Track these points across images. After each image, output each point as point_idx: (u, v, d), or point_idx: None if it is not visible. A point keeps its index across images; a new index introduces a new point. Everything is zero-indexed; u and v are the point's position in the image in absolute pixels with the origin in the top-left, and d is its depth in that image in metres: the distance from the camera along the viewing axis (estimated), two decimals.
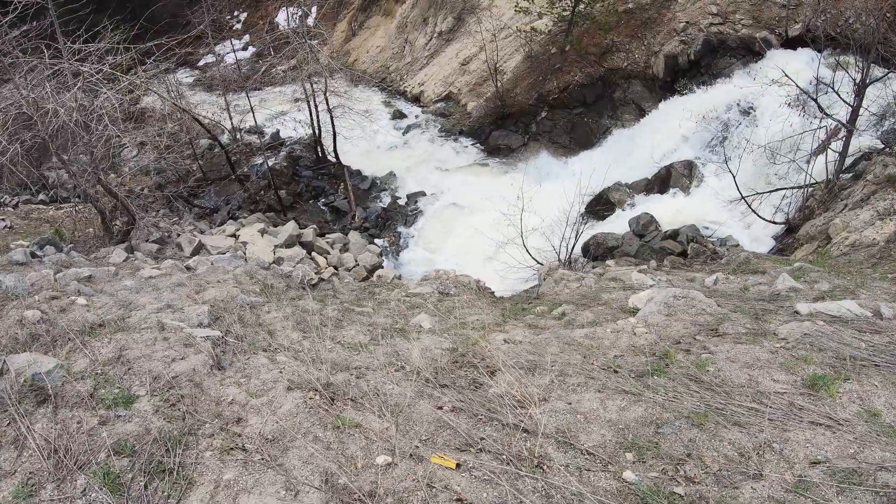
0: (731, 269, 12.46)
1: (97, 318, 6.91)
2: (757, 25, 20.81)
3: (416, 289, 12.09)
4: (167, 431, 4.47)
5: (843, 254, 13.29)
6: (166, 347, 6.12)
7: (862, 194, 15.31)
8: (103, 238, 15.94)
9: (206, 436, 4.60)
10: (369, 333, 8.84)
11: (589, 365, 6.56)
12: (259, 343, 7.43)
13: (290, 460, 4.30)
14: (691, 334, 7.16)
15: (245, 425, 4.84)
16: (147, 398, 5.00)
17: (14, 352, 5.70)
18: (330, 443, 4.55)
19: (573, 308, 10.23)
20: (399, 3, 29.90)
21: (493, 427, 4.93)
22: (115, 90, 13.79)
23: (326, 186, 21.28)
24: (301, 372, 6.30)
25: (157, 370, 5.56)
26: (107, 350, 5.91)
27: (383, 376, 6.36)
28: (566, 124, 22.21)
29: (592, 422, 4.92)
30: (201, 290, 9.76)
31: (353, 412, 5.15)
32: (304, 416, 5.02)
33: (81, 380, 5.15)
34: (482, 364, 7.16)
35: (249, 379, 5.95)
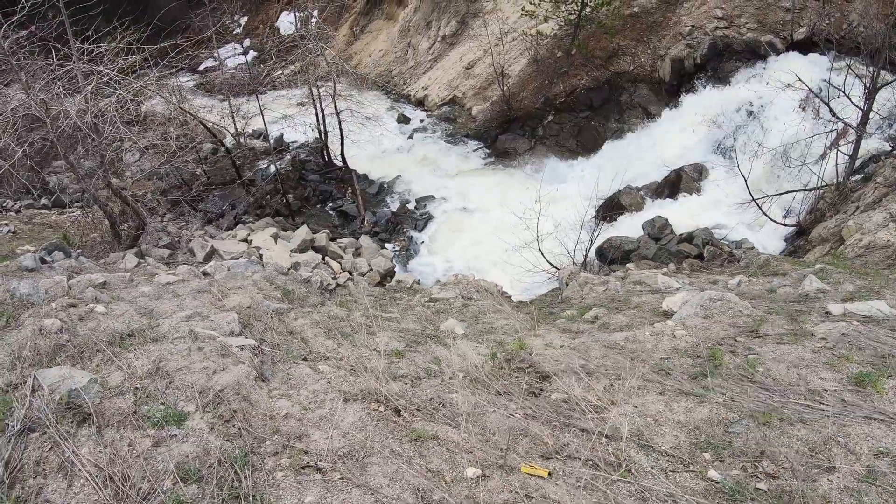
0: (751, 271, 12.47)
1: (125, 328, 6.67)
2: (762, 29, 20.89)
3: (439, 294, 11.99)
4: (229, 451, 4.25)
5: (858, 255, 13.35)
6: (203, 358, 5.94)
7: (873, 196, 15.38)
8: (111, 243, 15.70)
9: (270, 454, 4.43)
10: (403, 340, 8.73)
11: (639, 368, 6.56)
12: (295, 352, 7.28)
13: (373, 477, 4.14)
14: (731, 336, 7.29)
15: (308, 441, 4.68)
16: (199, 415, 4.79)
17: (37, 364, 5.52)
18: (410, 457, 4.43)
19: (605, 312, 10.20)
20: (401, 7, 29.82)
21: (572, 433, 4.94)
22: (128, 92, 13.60)
23: (334, 191, 21.14)
24: (350, 382, 6.18)
25: (200, 383, 5.37)
26: (142, 362, 5.72)
27: (438, 384, 6.26)
28: (573, 128, 22.19)
29: (663, 424, 5.00)
30: (224, 296, 9.61)
31: (424, 423, 5.03)
32: (373, 429, 4.88)
33: (120, 395, 4.94)
34: (531, 370, 7.10)
35: (297, 390, 5.80)
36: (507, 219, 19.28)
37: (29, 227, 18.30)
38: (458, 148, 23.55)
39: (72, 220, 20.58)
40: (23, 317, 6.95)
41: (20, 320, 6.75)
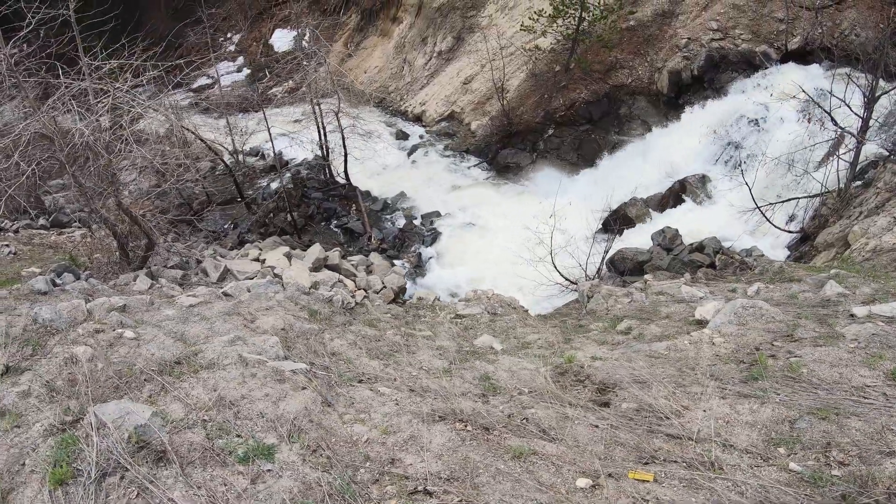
0: (767, 278, 12.65)
1: (170, 355, 6.49)
2: (756, 40, 21.26)
3: (465, 310, 11.97)
4: (331, 483, 4.16)
5: (865, 259, 13.55)
6: (260, 385, 5.82)
7: (876, 201, 15.62)
8: (119, 264, 15.48)
9: (370, 482, 4.37)
10: (444, 357, 8.71)
11: (690, 375, 6.73)
12: (347, 374, 7.22)
13: (490, 496, 4.12)
14: (768, 341, 7.52)
15: (403, 465, 4.63)
16: (285, 446, 4.65)
17: (73, 396, 5.34)
18: (518, 473, 4.42)
19: (637, 323, 10.26)
20: (396, 24, 29.95)
21: (660, 439, 5.05)
22: (144, 110, 13.47)
23: (338, 208, 21.08)
24: (418, 402, 6.14)
25: (269, 412, 5.26)
26: (199, 391, 5.56)
27: (508, 401, 6.25)
28: (573, 141, 22.38)
29: (734, 425, 5.22)
30: (254, 318, 9.50)
31: (517, 439, 5.02)
32: (468, 448, 4.86)
33: (189, 429, 4.77)
34: (588, 381, 7.14)
35: (368, 414, 5.73)
36: (514, 233, 19.37)
37: (29, 248, 18.00)
38: (460, 163, 23.64)
39: (72, 240, 20.32)
40: (49, 344, 6.75)
41: (47, 348, 6.58)
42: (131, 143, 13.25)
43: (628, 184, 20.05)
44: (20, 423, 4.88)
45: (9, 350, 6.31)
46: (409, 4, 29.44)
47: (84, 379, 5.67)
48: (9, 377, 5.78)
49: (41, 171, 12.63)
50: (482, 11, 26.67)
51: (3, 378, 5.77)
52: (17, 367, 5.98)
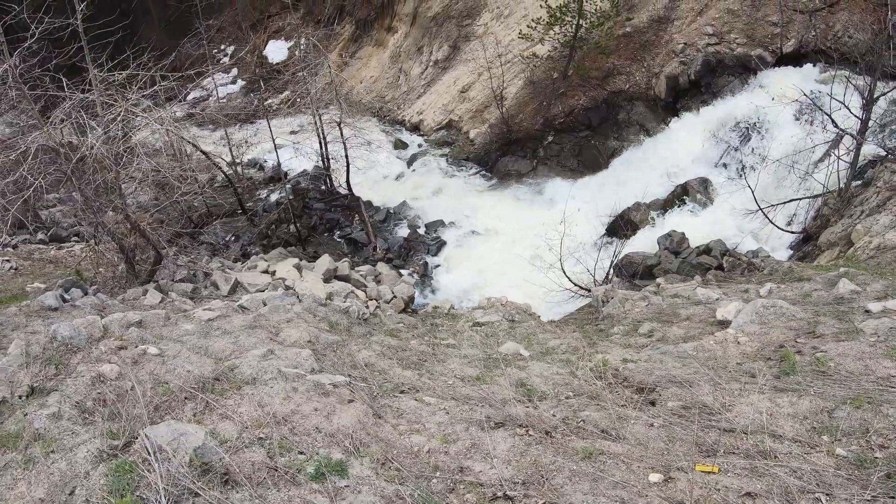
0: (777, 278, 12.80)
1: (206, 371, 6.37)
2: (751, 44, 21.52)
3: (484, 318, 11.98)
4: (412, 496, 4.13)
5: (870, 257, 13.75)
6: (306, 399, 5.76)
7: (877, 200, 15.83)
8: (126, 278, 15.34)
9: (447, 492, 4.37)
10: (473, 365, 8.72)
11: (724, 373, 6.88)
12: (385, 385, 7.18)
13: (572, 496, 4.16)
14: (791, 338, 7.78)
15: (473, 473, 4.64)
16: (355, 460, 4.60)
17: (110, 418, 5.17)
18: (592, 472, 4.47)
19: (659, 326, 10.33)
20: (391, 33, 30.02)
21: (714, 433, 5.17)
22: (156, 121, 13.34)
23: (341, 219, 21.04)
24: (467, 410, 6.15)
25: (324, 426, 5.22)
26: (246, 408, 5.47)
27: (556, 405, 6.27)
28: (573, 147, 22.51)
29: (777, 417, 5.44)
30: (278, 331, 9.45)
31: (581, 441, 5.06)
32: (536, 453, 4.88)
33: (247, 448, 4.65)
34: (626, 383, 7.19)
35: (422, 424, 5.73)
36: (519, 240, 19.46)
37: (30, 263, 17.83)
38: (460, 171, 23.69)
39: (72, 255, 20.15)
40: (72, 362, 6.61)
41: (70, 366, 6.44)
42: (140, 156, 13.18)
43: (630, 189, 20.18)
44: (56, 448, 4.71)
45: (31, 370, 6.17)
46: (404, 14, 29.54)
47: (117, 399, 5.57)
48: (35, 398, 5.66)
49: (47, 184, 12.49)
50: (478, 20, 26.81)
51: (30, 400, 5.63)
52: (42, 388, 5.88)
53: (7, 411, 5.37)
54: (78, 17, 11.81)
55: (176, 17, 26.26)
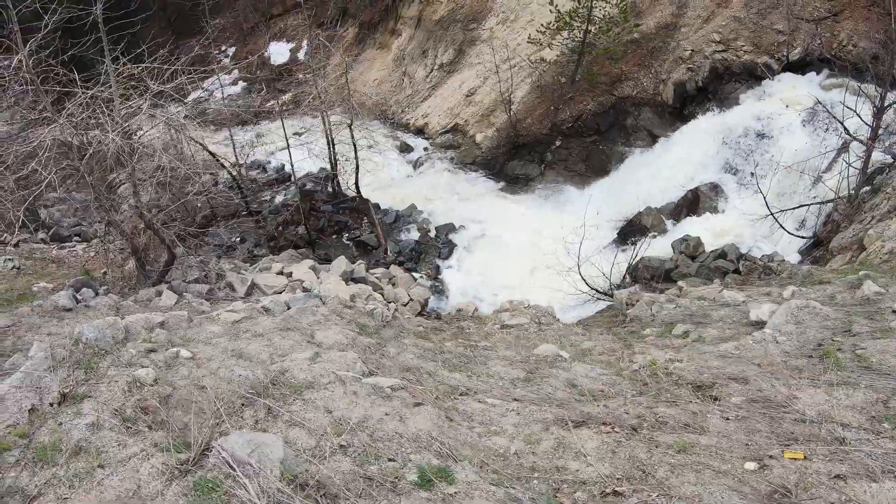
0: (797, 281, 12.92)
1: (257, 376, 6.17)
2: (758, 51, 21.71)
3: (511, 321, 11.92)
4: (532, 499, 4.08)
5: (883, 261, 13.90)
6: (370, 403, 5.63)
7: (888, 206, 15.98)
8: (137, 278, 15.11)
9: (553, 492, 4.30)
10: (516, 367, 8.64)
11: (771, 370, 6.95)
12: (441, 387, 7.06)
13: (682, 488, 4.17)
14: (828, 337, 7.94)
15: (571, 473, 4.59)
16: (455, 465, 4.46)
17: (159, 427, 4.92)
18: (692, 464, 4.49)
19: (692, 327, 10.32)
20: (395, 37, 29.98)
21: (787, 423, 5.29)
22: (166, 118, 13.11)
23: (349, 221, 20.92)
24: (535, 410, 6.08)
25: (402, 431, 5.10)
26: (313, 414, 5.30)
27: (624, 403, 6.22)
28: (581, 152, 22.56)
29: (836, 408, 5.54)
30: (312, 334, 9.28)
31: (668, 436, 5.05)
32: (628, 449, 4.89)
33: (331, 457, 4.45)
34: (681, 381, 7.16)
35: (496, 426, 5.65)
36: (530, 243, 19.47)
37: (32, 263, 17.54)
38: (467, 175, 23.66)
39: (73, 254, 19.89)
40: (101, 366, 6.25)
41: (100, 371, 6.12)
42: (159, 152, 12.98)
43: (640, 193, 20.25)
44: (104, 461, 4.34)
45: (59, 374, 5.75)
46: (408, 17, 29.53)
47: (161, 406, 5.34)
48: (67, 406, 5.22)
49: (60, 178, 12.23)
50: (483, 24, 26.85)
51: (62, 407, 5.20)
52: (74, 395, 5.46)
53: (38, 420, 4.98)
54: (98, 7, 11.47)
55: (177, 17, 26.02)
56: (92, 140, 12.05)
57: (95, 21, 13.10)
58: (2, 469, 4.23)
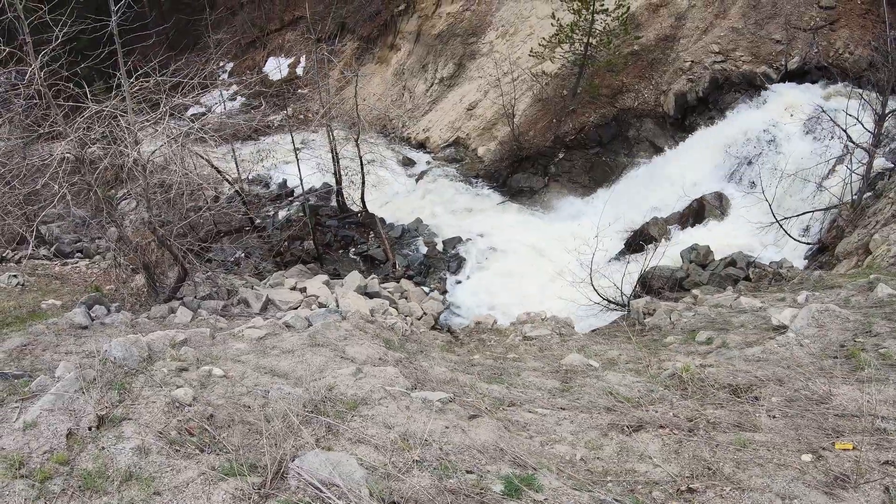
0: (808, 286, 13.08)
1: (308, 394, 6.02)
2: (756, 61, 22.01)
3: (533, 332, 11.94)
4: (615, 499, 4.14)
5: (891, 264, 14.10)
6: (426, 417, 5.57)
7: (891, 211, 16.22)
8: (148, 295, 15.00)
9: (628, 493, 4.36)
10: (549, 377, 8.66)
11: (801, 371, 7.08)
12: (485, 401, 7.01)
13: (751, 481, 4.31)
14: (850, 338, 8.16)
15: (640, 474, 4.66)
16: (536, 473, 4.46)
17: (214, 449, 4.80)
18: (754, 460, 4.68)
19: (715, 333, 10.41)
20: (394, 51, 30.13)
21: (830, 419, 5.44)
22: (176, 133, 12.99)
23: (356, 236, 20.91)
24: (586, 418, 6.11)
25: (468, 442, 5.06)
26: (375, 430, 5.24)
27: (671, 407, 6.27)
28: (584, 164, 22.72)
29: (872, 403, 5.65)
30: (342, 349, 9.22)
31: (726, 435, 5.18)
32: (691, 448, 5.00)
33: (406, 473, 4.40)
34: (716, 385, 7.20)
35: (555, 434, 5.67)
36: (537, 255, 19.55)
37: (35, 280, 17.40)
38: (471, 189, 23.76)
39: (77, 271, 19.76)
40: (134, 386, 6.04)
41: (134, 391, 5.91)
42: (176, 165, 12.90)
43: (645, 204, 20.42)
44: (160, 488, 4.22)
45: (92, 396, 5.51)
46: (407, 32, 29.71)
47: (208, 426, 5.22)
48: (107, 429, 5.01)
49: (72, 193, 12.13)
50: (483, 38, 27.07)
51: (101, 431, 4.98)
52: (111, 417, 5.28)
53: (77, 445, 4.75)
54: (113, 18, 11.34)
55: (174, 32, 26.00)
56: (106, 154, 11.99)
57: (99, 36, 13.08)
58: (47, 499, 4.05)
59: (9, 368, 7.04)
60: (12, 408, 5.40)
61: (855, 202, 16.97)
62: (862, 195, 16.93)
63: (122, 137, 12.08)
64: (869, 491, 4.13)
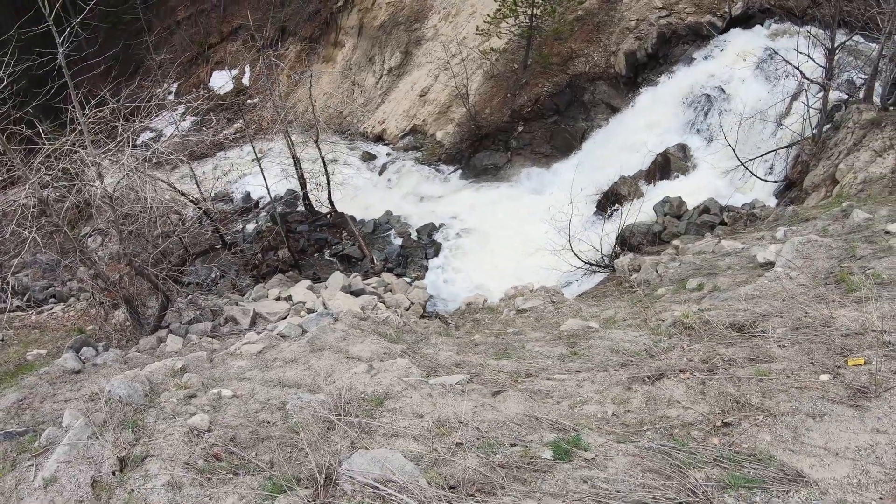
0: (784, 222, 13.35)
1: (325, 400, 5.89)
2: (700, 11, 22.28)
3: (526, 304, 11.99)
4: (661, 448, 4.15)
5: (859, 191, 14.45)
6: (452, 401, 5.53)
7: (852, 140, 16.58)
8: (132, 329, 14.72)
9: (669, 437, 4.43)
10: (554, 344, 8.72)
11: (798, 300, 7.24)
12: (502, 374, 6.99)
13: (781, 406, 4.48)
14: (836, 264, 8.38)
15: (673, 419, 4.72)
16: (582, 433, 4.51)
17: (247, 470, 4.67)
18: (777, 387, 4.81)
19: (704, 280, 10.55)
20: (338, 48, 29.81)
21: (837, 340, 5.59)
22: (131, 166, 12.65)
23: (328, 237, 20.76)
24: (604, 377, 6.16)
25: (501, 418, 5.06)
26: (408, 422, 5.20)
27: (682, 354, 6.36)
28: (544, 134, 22.82)
29: (872, 320, 5.82)
30: (344, 349, 9.16)
31: (742, 369, 5.31)
32: (715, 387, 5.10)
33: (453, 458, 4.32)
34: (720, 326, 7.29)
35: (580, 396, 5.66)
36: (512, 229, 19.63)
37: (14, 332, 16.95)
38: (435, 174, 23.73)
39: (54, 317, 19.32)
40: (146, 422, 5.81)
41: (147, 427, 5.69)
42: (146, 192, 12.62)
43: (609, 166, 20.61)
44: None
45: (107, 439, 5.30)
46: (349, 27, 29.41)
47: (235, 447, 5.08)
48: (131, 470, 4.84)
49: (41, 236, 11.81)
50: (426, 23, 26.93)
51: (126, 473, 4.81)
52: (133, 458, 5.08)
53: (105, 492, 4.60)
54: (60, 51, 10.96)
55: (119, 59, 25.36)
56: (71, 191, 11.69)
57: (48, 71, 12.66)
58: None
59: (11, 426, 6.77)
60: (27, 466, 5.16)
61: (816, 136, 17.30)
62: (822, 128, 17.27)
63: (83, 172, 11.78)
64: (890, 398, 4.28)
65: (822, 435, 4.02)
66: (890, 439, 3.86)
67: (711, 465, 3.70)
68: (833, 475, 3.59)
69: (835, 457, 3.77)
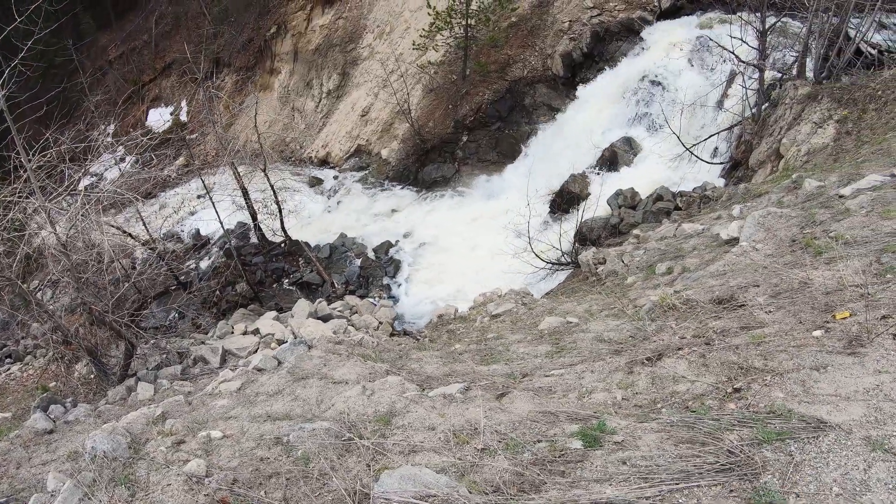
0: (738, 200, 13.74)
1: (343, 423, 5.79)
2: (631, 7, 22.87)
3: (498, 309, 12.00)
4: (683, 422, 4.25)
5: (805, 162, 14.98)
6: (461, 409, 5.53)
7: (792, 115, 17.17)
8: (96, 381, 14.18)
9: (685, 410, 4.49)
10: (537, 343, 8.74)
11: (770, 271, 7.46)
12: (499, 379, 6.96)
13: (783, 364, 4.62)
14: (798, 233, 8.60)
15: (684, 393, 4.82)
16: (602, 420, 4.58)
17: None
18: (775, 349, 4.93)
19: (672, 263, 10.74)
20: (274, 75, 29.52)
21: (819, 298, 5.83)
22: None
23: (285, 266, 20.43)
24: (602, 366, 6.19)
25: (514, 419, 5.08)
26: (422, 437, 5.11)
27: (672, 334, 6.46)
28: (490, 141, 23.04)
29: (845, 276, 6.11)
30: (327, 374, 8.95)
31: (736, 338, 5.47)
32: (717, 358, 5.24)
33: (480, 465, 4.28)
34: (702, 303, 7.40)
35: (587, 387, 5.72)
36: (468, 239, 19.73)
37: None
38: (385, 192, 23.68)
39: (11, 377, 18.63)
40: (138, 475, 5.64)
41: (140, 480, 5.49)
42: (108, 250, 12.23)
43: (557, 166, 20.88)
44: None
45: (101, 499, 5.14)
46: (284, 53, 29.17)
47: (242, 489, 4.92)
48: None
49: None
50: (361, 42, 26.91)
51: None
52: None
53: None
54: (1, 94, 10.43)
55: (55, 102, 24.50)
56: (21, 243, 11.25)
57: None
58: None
59: None
60: None
61: (756, 115, 17.87)
62: (761, 107, 17.84)
63: (29, 221, 11.32)
64: (883, 342, 4.52)
65: (830, 384, 4.19)
66: (893, 377, 4.07)
67: (739, 427, 3.80)
68: (851, 417, 3.75)
69: (847, 401, 3.93)
